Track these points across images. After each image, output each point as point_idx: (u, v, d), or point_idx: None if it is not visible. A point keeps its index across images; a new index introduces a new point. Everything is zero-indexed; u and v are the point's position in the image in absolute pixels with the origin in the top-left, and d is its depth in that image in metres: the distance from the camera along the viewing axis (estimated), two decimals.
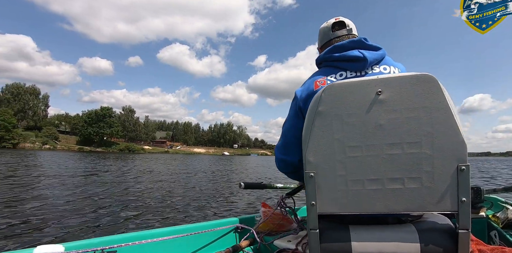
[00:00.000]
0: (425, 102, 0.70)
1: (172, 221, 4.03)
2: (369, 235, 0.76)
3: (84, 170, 11.62)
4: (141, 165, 17.11)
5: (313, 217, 0.76)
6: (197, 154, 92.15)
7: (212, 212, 4.71)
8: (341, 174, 0.75)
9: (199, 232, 1.19)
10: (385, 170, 0.72)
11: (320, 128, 0.76)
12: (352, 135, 0.74)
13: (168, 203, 5.27)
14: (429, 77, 0.70)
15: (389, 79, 0.72)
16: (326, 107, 0.75)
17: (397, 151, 0.72)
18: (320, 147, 0.76)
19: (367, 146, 0.73)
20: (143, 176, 10.35)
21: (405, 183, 0.71)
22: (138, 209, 4.70)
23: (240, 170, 16.42)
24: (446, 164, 0.69)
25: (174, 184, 8.32)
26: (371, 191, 0.73)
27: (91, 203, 5.00)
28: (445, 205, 0.70)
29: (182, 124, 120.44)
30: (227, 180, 10.17)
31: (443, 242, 0.72)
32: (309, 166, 0.77)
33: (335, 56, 0.98)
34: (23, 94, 67.55)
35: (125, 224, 3.78)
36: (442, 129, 0.69)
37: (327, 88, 0.76)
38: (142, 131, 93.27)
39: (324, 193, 0.76)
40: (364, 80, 0.74)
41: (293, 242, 1.13)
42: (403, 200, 0.72)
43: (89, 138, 69.72)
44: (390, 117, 0.72)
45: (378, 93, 0.72)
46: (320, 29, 1.17)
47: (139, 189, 6.89)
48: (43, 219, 3.83)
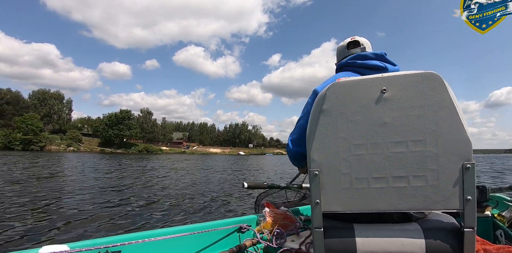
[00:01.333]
0: (430, 100, 0.69)
1: (187, 220, 4.18)
2: (374, 234, 0.76)
3: (106, 171, 12.21)
4: (160, 166, 17.67)
5: (318, 215, 0.76)
6: (213, 154, 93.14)
7: (222, 211, 4.91)
8: (345, 172, 0.74)
9: (203, 232, 1.19)
10: (390, 168, 0.72)
11: (324, 126, 0.75)
12: (356, 133, 0.73)
13: (183, 202, 5.52)
14: (433, 75, 0.69)
15: (394, 77, 0.72)
16: (331, 105, 0.75)
17: (402, 149, 0.71)
18: (325, 145, 0.75)
19: (372, 144, 0.73)
20: (164, 175, 10.77)
21: (410, 181, 0.71)
22: (153, 208, 4.98)
23: (255, 168, 16.59)
24: (451, 162, 0.69)
25: (191, 184, 8.61)
26: (376, 189, 0.73)
27: (110, 201, 5.35)
28: (450, 203, 0.69)
29: (198, 125, 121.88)
30: (240, 178, 10.38)
31: (448, 241, 0.72)
32: (314, 164, 0.76)
33: (357, 63, 1.06)
34: (48, 99, 70.82)
35: (138, 221, 3.99)
36: (446, 127, 0.69)
37: (332, 86, 0.75)
38: (160, 132, 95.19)
39: (329, 192, 0.76)
40: (368, 78, 0.74)
41: (296, 241, 1.14)
42: (408, 198, 0.71)
43: (109, 140, 72.06)
44: (394, 115, 0.71)
45: (382, 91, 0.72)
46: (337, 48, 1.29)
47: (157, 189, 7.23)
48: (63, 218, 4.15)
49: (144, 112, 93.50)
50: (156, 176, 10.60)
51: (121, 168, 14.03)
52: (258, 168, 18.14)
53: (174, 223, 3.92)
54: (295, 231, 1.25)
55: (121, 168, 14.41)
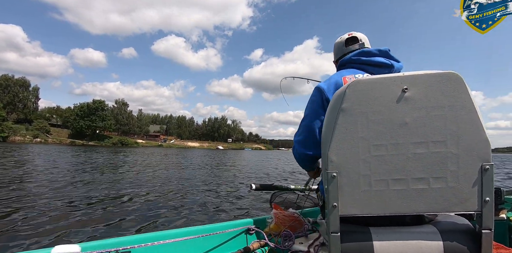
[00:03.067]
0: (451, 100, 0.69)
1: (185, 222, 4.04)
2: (391, 237, 0.74)
3: (80, 164, 11.57)
4: (138, 160, 17.08)
5: (335, 219, 0.73)
6: (191, 148, 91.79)
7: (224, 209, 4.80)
8: (365, 173, 0.72)
9: (211, 234, 1.19)
10: (410, 170, 0.70)
11: (343, 125, 0.73)
12: (377, 133, 0.71)
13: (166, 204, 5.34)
14: (455, 75, 0.68)
15: (416, 77, 0.70)
16: (351, 104, 0.72)
17: (423, 150, 0.70)
18: (344, 145, 0.72)
19: (392, 144, 0.71)
20: (140, 171, 10.39)
21: (430, 182, 0.70)
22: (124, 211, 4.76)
23: (240, 164, 16.54)
24: (471, 163, 0.68)
25: (168, 180, 8.38)
26: (396, 191, 0.71)
27: (86, 201, 5.05)
28: (468, 205, 0.69)
29: (176, 118, 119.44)
30: (230, 175, 10.28)
31: (466, 242, 0.71)
32: (332, 166, 0.73)
33: (362, 59, 1.04)
34: (12, 86, 65.71)
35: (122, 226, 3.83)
36: (467, 128, 0.68)
37: (352, 84, 0.72)
38: (136, 124, 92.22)
39: (347, 194, 0.73)
40: (390, 77, 0.72)
41: (305, 244, 1.12)
42: (428, 200, 0.70)
43: (81, 131, 68.64)
44: (416, 116, 0.70)
45: (404, 90, 0.70)
46: (334, 44, 1.25)
47: (132, 185, 6.95)
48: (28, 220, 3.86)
49: (119, 103, 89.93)
50: (133, 171, 10.20)
51: (91, 161, 13.35)
52: (241, 163, 18.10)
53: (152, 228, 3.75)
54: (304, 233, 1.24)
55: (91, 161, 13.71)
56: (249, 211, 4.58)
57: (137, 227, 3.51)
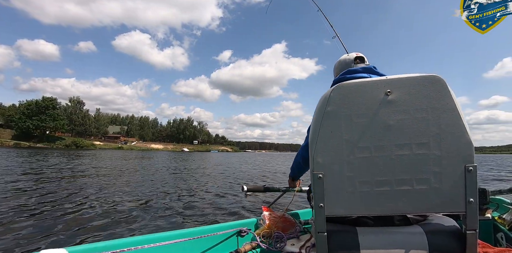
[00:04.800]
0: (433, 103, 0.70)
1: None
2: (377, 237, 0.76)
3: (18, 168, 10.25)
4: (91, 163, 15.72)
5: (321, 219, 0.75)
6: (155, 150, 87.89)
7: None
8: (349, 175, 0.73)
9: (202, 236, 1.18)
10: (394, 171, 0.72)
11: (328, 128, 0.74)
12: (361, 136, 0.73)
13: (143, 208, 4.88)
14: (437, 78, 0.70)
15: (398, 80, 0.72)
16: (335, 107, 0.73)
17: (406, 152, 0.71)
18: (328, 147, 0.74)
19: (376, 146, 0.72)
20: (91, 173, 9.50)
21: (414, 184, 0.71)
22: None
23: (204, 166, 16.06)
24: (454, 165, 0.70)
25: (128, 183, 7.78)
26: (380, 192, 0.72)
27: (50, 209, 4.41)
28: (453, 206, 0.71)
29: (139, 118, 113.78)
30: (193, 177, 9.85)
31: (451, 243, 0.73)
32: (317, 167, 0.74)
33: (347, 77, 1.11)
34: None
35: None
36: (449, 130, 0.70)
37: (336, 88, 0.74)
38: (93, 124, 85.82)
39: (332, 195, 0.74)
40: (373, 81, 0.73)
41: (296, 245, 1.12)
42: (412, 201, 0.72)
43: (27, 132, 61.94)
44: (399, 118, 0.71)
45: (387, 93, 0.71)
46: (341, 60, 1.33)
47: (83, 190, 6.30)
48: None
49: (74, 101, 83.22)
50: (95, 174, 9.30)
51: (32, 166, 11.97)
52: (209, 165, 17.61)
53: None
54: (295, 235, 1.25)
55: (33, 165, 12.30)
56: (240, 213, 4.47)
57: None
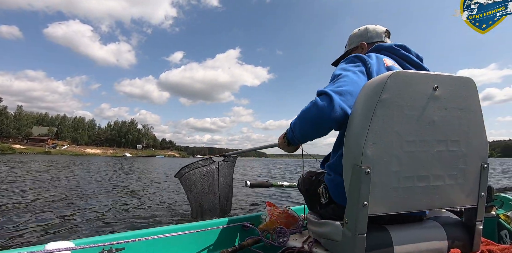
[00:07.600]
0: (466, 103, 0.75)
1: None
2: (407, 235, 0.78)
3: None
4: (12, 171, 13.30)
5: (363, 219, 0.69)
6: (91, 155, 79.14)
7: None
8: (395, 170, 0.71)
9: (205, 230, 1.20)
10: (432, 167, 0.73)
11: (381, 117, 0.69)
12: (409, 129, 0.71)
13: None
14: (471, 80, 0.75)
15: (444, 77, 0.73)
16: (391, 95, 0.69)
17: (443, 148, 0.74)
18: (380, 139, 0.69)
19: (421, 141, 0.72)
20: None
21: (445, 179, 0.75)
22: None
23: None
24: (475, 162, 0.76)
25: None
26: (419, 188, 0.73)
27: None
28: (469, 200, 0.77)
29: (72, 119, 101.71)
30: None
31: (463, 234, 0.80)
32: (366, 160, 0.68)
33: (401, 52, 1.05)
34: None
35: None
36: (474, 129, 0.75)
37: (394, 75, 0.69)
38: (11, 124, 73.65)
39: (378, 192, 0.70)
40: (424, 74, 0.73)
41: (299, 240, 1.13)
42: (443, 196, 0.75)
43: None
44: (442, 114, 0.73)
45: (435, 89, 0.72)
46: (371, 28, 1.22)
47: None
48: None
49: None
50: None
51: None
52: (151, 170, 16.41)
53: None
54: (298, 230, 1.26)
55: None
56: (243, 208, 4.37)
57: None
